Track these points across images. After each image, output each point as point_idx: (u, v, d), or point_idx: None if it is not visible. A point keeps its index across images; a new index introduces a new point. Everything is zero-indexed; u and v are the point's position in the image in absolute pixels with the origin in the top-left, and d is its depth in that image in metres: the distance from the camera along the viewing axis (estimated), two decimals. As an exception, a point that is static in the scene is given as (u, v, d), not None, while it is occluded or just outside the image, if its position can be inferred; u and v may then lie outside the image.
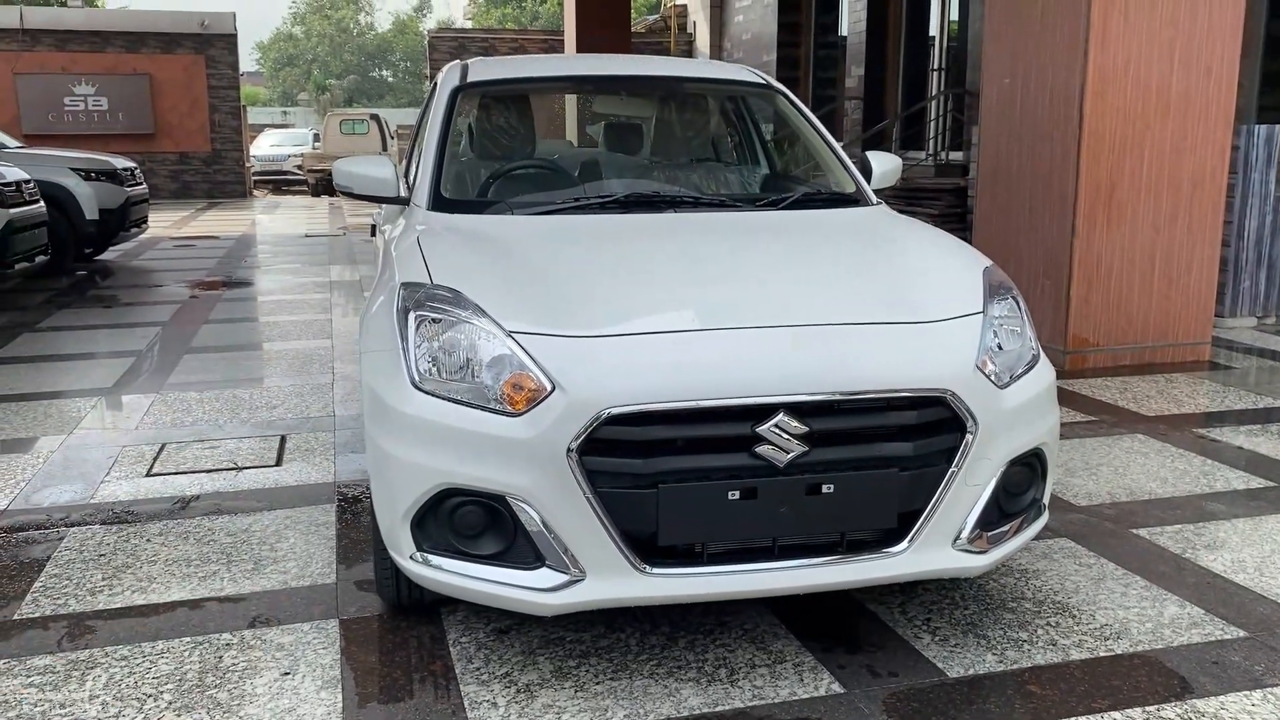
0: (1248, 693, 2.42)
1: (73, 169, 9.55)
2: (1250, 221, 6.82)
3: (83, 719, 2.34)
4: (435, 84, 4.07)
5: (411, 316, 2.50)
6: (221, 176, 20.17)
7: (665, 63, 4.23)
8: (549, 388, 2.27)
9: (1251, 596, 2.92)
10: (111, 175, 9.86)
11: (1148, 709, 2.35)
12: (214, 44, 19.72)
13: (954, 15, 12.23)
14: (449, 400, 2.36)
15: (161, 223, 14.40)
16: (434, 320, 2.47)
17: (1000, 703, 2.38)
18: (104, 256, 10.84)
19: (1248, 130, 6.66)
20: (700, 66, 4.34)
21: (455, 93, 3.70)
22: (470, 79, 3.80)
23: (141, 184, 10.71)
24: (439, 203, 3.28)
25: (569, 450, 2.22)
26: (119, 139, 18.42)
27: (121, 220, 9.95)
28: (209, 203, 19.17)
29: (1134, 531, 3.39)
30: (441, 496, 2.34)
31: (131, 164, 10.63)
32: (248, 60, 59.24)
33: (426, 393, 2.38)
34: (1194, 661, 2.56)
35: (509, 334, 2.38)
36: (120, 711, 2.36)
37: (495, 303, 2.47)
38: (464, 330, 2.43)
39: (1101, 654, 2.60)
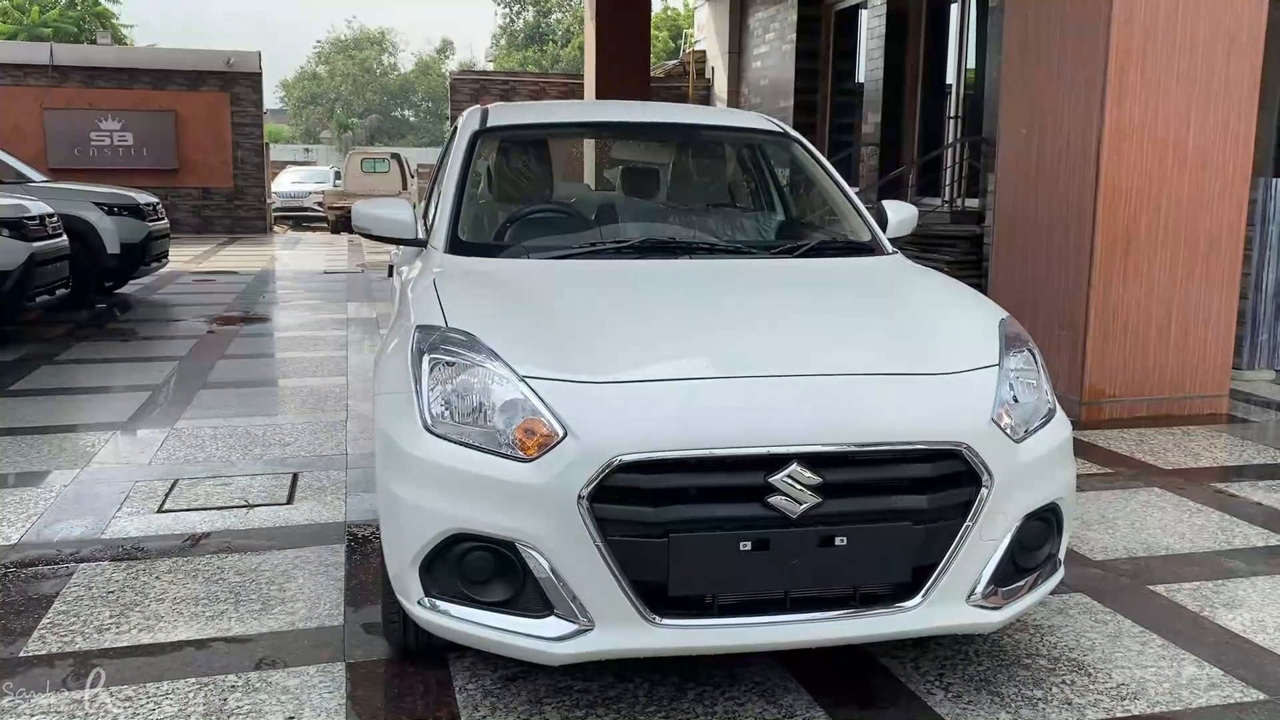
0: (1268, 759, 2.37)
1: (96, 203, 9.65)
2: (1268, 274, 6.79)
3: (85, 760, 2.32)
4: (455, 128, 4.11)
5: (425, 359, 2.51)
6: (243, 212, 20.36)
7: (682, 110, 4.27)
8: (561, 433, 2.27)
9: (1272, 658, 2.87)
10: (134, 210, 9.96)
11: (1165, 773, 2.30)
12: (239, 82, 20.00)
13: (971, 64, 12.31)
14: (461, 444, 2.35)
15: (182, 257, 14.52)
16: (448, 363, 2.47)
17: (1014, 763, 2.34)
18: (124, 290, 10.92)
19: (1265, 183, 6.66)
20: (717, 114, 4.37)
21: (475, 137, 3.73)
22: (490, 124, 3.84)
23: (163, 219, 10.82)
24: (456, 246, 3.29)
25: (580, 497, 2.21)
26: (143, 174, 18.63)
27: (143, 254, 10.03)
28: (230, 238, 19.33)
29: (1151, 588, 3.35)
30: (451, 541, 2.33)
31: (154, 199, 10.74)
32: (271, 98, 59.96)
33: (438, 436, 2.38)
34: (1212, 725, 2.52)
35: (522, 378, 2.38)
36: (123, 753, 2.35)
37: (509, 347, 2.47)
38: (477, 374, 2.43)
39: (1118, 714, 2.55)
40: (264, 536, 3.74)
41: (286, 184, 26.78)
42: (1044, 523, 2.58)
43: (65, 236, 8.50)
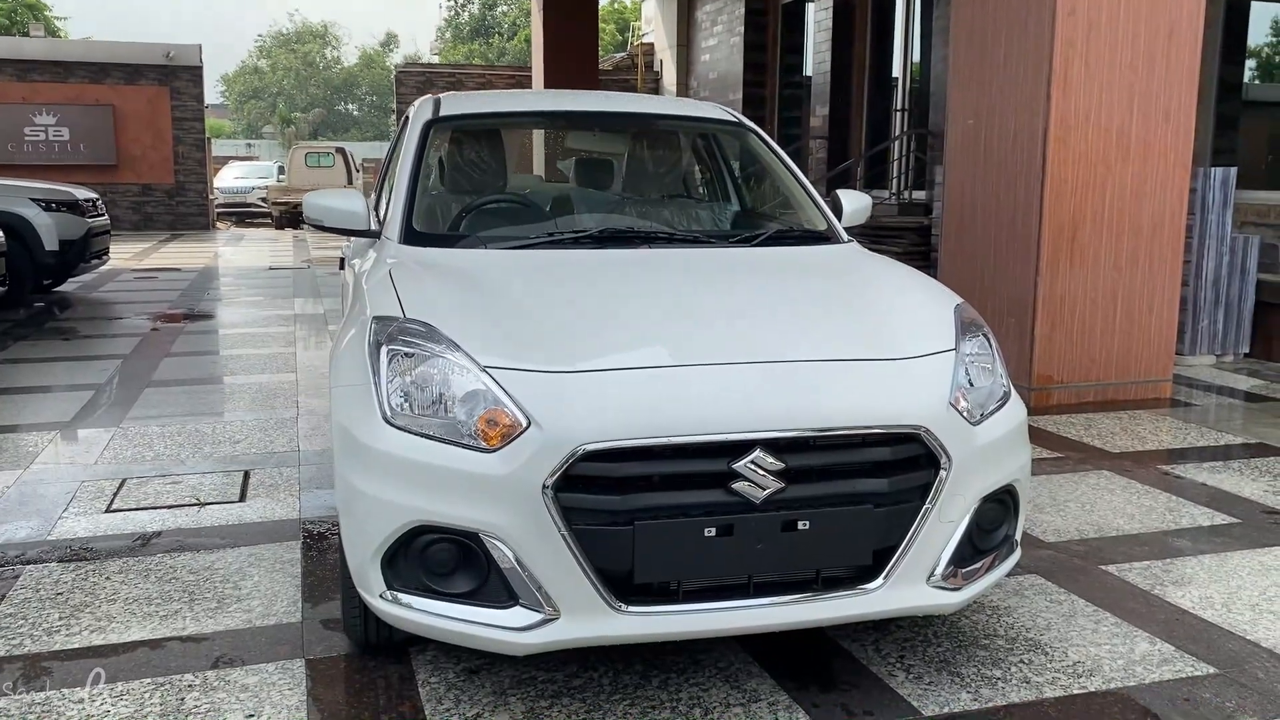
0: (1220, 730, 2.43)
1: (33, 199, 9.42)
2: (1208, 262, 6.95)
3: (38, 764, 2.26)
4: (407, 118, 4.06)
5: (384, 351, 2.48)
6: (184, 208, 20.00)
7: (638, 100, 4.27)
8: (525, 423, 2.25)
9: (1220, 633, 2.94)
10: (72, 206, 9.74)
11: (1122, 747, 2.35)
12: (179, 76, 19.64)
13: (916, 57, 12.44)
14: (422, 435, 2.32)
15: (123, 254, 14.22)
16: (406, 354, 2.45)
17: (976, 742, 2.37)
18: (63, 288, 10.68)
19: (1204, 173, 6.81)
20: (673, 104, 4.37)
21: (428, 127, 3.69)
22: (443, 113, 3.79)
23: (103, 215, 10.58)
24: (411, 236, 3.25)
25: (545, 487, 2.19)
26: (80, 170, 18.23)
27: (82, 252, 9.81)
28: (171, 234, 18.98)
29: (1103, 568, 3.41)
30: (413, 534, 2.30)
31: (93, 195, 10.50)
32: (212, 93, 58.89)
33: (398, 428, 2.35)
34: (1166, 699, 2.57)
35: (484, 369, 2.36)
36: (77, 756, 2.29)
37: (469, 337, 2.45)
38: (437, 365, 2.40)
39: (1075, 691, 2.60)
40: (217, 535, 3.67)
41: (229, 179, 26.33)
42: (1001, 504, 2.62)
43: (1, 234, 8.29)
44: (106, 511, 3.90)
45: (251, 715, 2.46)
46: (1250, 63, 9.19)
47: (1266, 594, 3.21)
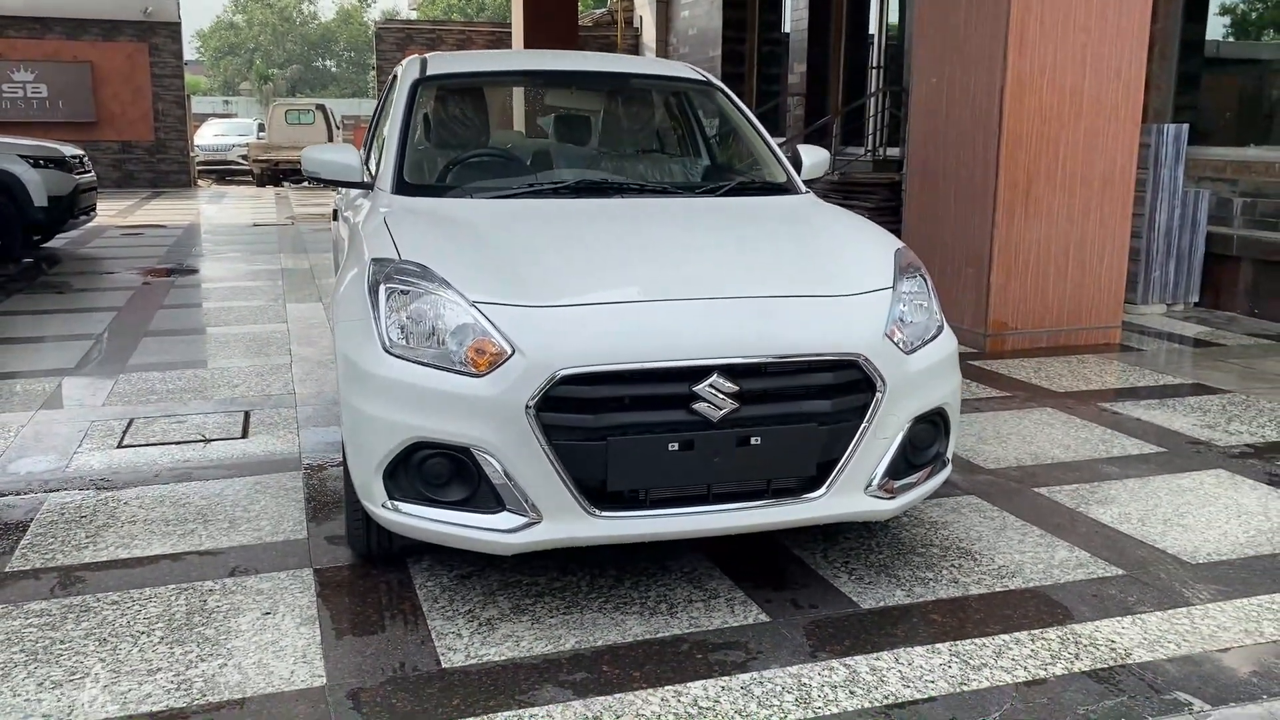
0: (1119, 618, 2.78)
1: (21, 155, 9.57)
2: (1160, 215, 7.28)
3: (82, 652, 2.57)
4: (395, 76, 4.31)
5: (382, 289, 2.76)
6: (165, 166, 20.05)
7: (613, 59, 4.52)
8: (509, 351, 2.55)
9: (1132, 543, 3.29)
10: (60, 162, 9.90)
11: (1033, 632, 2.69)
12: (157, 32, 19.61)
13: (892, 15, 12.65)
14: (418, 363, 2.62)
15: (106, 211, 14.36)
16: (403, 292, 2.74)
17: (906, 628, 2.71)
18: (51, 244, 10.86)
19: (1157, 129, 7.12)
20: (646, 64, 4.63)
21: (416, 85, 3.95)
22: (430, 72, 4.05)
23: (90, 172, 10.73)
24: (402, 187, 3.54)
25: (527, 407, 2.50)
26: (59, 127, 18.24)
27: (70, 208, 9.98)
28: (153, 192, 19.06)
29: (1035, 490, 3.76)
30: (412, 449, 2.61)
31: (80, 151, 10.65)
32: (188, 49, 58.35)
33: (397, 356, 2.65)
34: (1076, 595, 2.92)
35: (473, 304, 2.65)
36: (116, 646, 2.60)
37: (459, 276, 2.74)
38: (430, 301, 2.69)
39: (997, 589, 2.94)
40: (223, 467, 3.97)
41: (209, 137, 26.33)
42: (932, 424, 2.94)
43: (-9, 190, 8.46)
44: (118, 447, 4.19)
45: (268, 612, 2.78)
46: (1215, 21, 9.45)
47: (1179, 510, 3.57)
